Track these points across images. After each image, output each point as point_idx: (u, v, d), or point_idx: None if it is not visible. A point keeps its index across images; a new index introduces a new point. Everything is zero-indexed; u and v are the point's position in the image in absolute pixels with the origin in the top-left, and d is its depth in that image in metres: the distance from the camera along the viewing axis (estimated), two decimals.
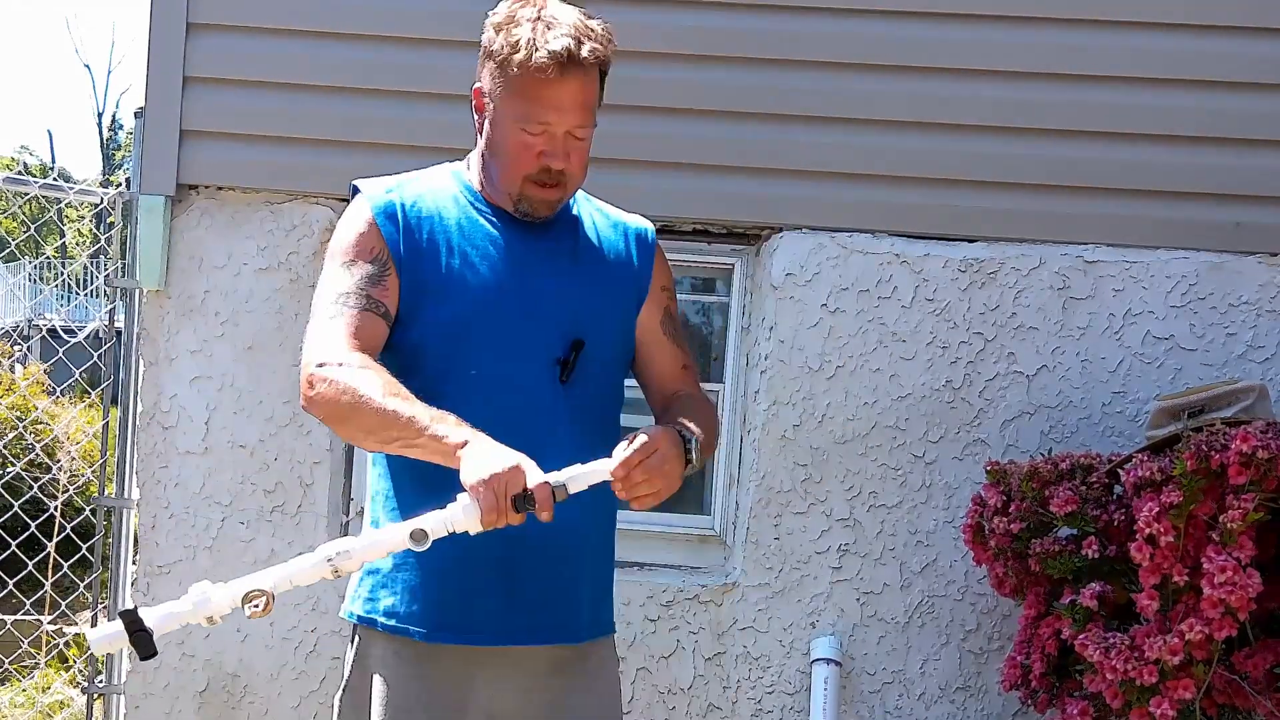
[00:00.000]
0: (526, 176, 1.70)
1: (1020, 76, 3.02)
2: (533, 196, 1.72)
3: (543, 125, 1.67)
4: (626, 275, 1.82)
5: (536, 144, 1.68)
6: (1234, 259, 3.01)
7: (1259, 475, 2.24)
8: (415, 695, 1.70)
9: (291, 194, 3.12)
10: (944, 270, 3.04)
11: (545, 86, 1.65)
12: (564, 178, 1.71)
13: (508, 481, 1.48)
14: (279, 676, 3.11)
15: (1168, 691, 2.29)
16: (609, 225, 1.85)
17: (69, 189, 3.40)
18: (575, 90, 1.66)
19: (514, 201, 1.73)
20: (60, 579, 3.75)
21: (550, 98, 1.65)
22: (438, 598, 1.70)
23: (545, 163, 1.68)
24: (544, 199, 1.72)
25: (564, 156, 1.69)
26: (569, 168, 1.70)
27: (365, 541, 1.56)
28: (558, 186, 1.72)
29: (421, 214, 1.74)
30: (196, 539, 3.12)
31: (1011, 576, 2.71)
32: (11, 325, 9.00)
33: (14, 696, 4.06)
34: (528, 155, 1.69)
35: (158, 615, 1.52)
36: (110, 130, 31.44)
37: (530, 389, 1.69)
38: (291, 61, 3.09)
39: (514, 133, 1.68)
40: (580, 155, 1.72)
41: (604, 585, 1.83)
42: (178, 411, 3.12)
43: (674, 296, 1.88)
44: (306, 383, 1.63)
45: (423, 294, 1.70)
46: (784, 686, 3.06)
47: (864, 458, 3.04)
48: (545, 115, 1.66)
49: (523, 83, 1.66)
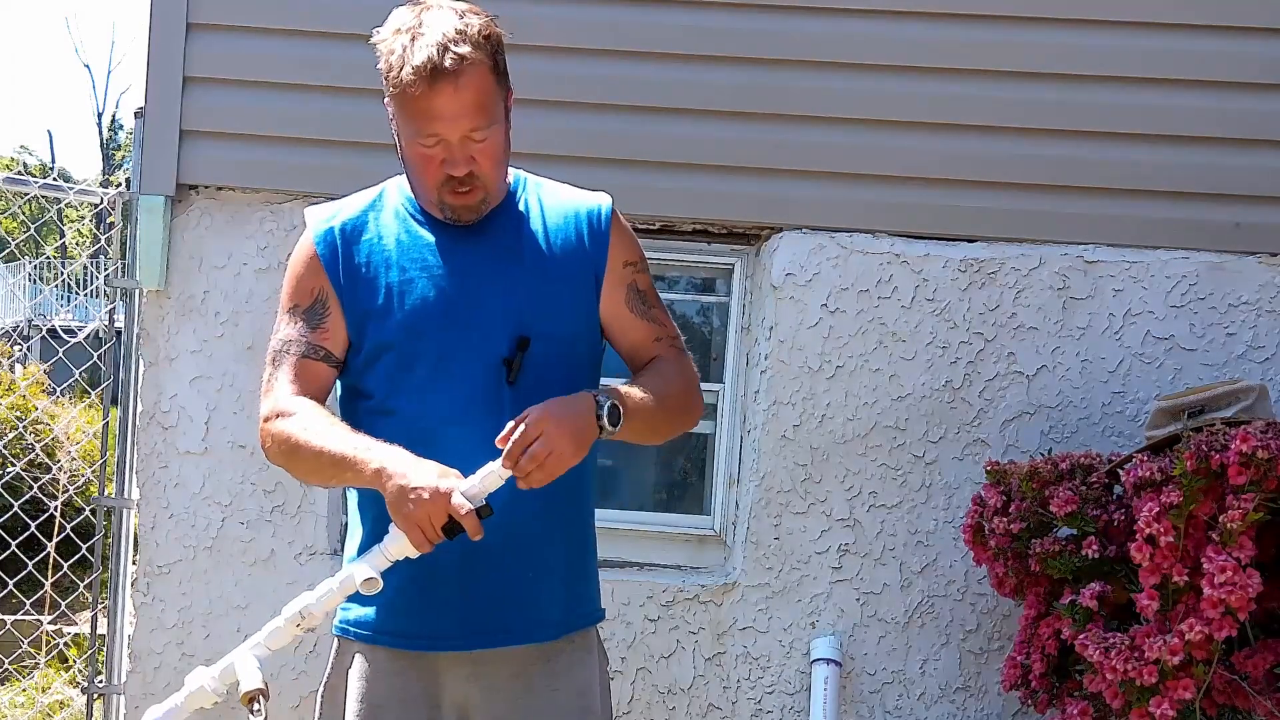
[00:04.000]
0: (438, 186, 1.68)
1: (1020, 76, 3.02)
2: (452, 204, 1.70)
3: (433, 137, 1.64)
4: (577, 261, 1.76)
5: (435, 154, 1.66)
6: (1234, 259, 3.01)
7: (1259, 475, 2.24)
8: (387, 692, 1.73)
9: (291, 194, 3.12)
10: (944, 270, 3.04)
11: (421, 101, 1.62)
12: (475, 180, 1.67)
13: (430, 514, 1.53)
14: (279, 676, 3.10)
15: (1168, 692, 2.29)
16: (558, 212, 1.79)
17: (69, 189, 3.40)
18: (452, 98, 1.62)
19: (439, 210, 1.72)
20: (60, 579, 3.75)
21: (430, 110, 1.62)
22: (400, 607, 1.72)
23: (447, 171, 1.66)
24: (464, 204, 1.69)
25: (465, 162, 1.65)
26: (476, 170, 1.67)
27: (322, 593, 1.63)
28: (473, 190, 1.68)
29: (361, 236, 1.76)
30: (196, 539, 3.12)
31: (1011, 576, 2.71)
32: (11, 325, 9.00)
33: (14, 696, 4.06)
34: (431, 167, 1.67)
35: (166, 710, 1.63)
36: (110, 130, 31.43)
37: (476, 394, 1.67)
38: (291, 61, 3.09)
39: (413, 147, 1.67)
40: (487, 155, 1.67)
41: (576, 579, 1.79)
42: (178, 411, 3.12)
43: (642, 270, 1.81)
44: (261, 438, 1.74)
45: (366, 317, 1.73)
46: (784, 686, 3.06)
47: (864, 458, 3.04)
48: (431, 127, 1.63)
49: (402, 100, 1.64)
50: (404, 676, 1.72)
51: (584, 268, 1.75)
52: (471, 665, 1.72)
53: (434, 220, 1.75)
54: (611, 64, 3.06)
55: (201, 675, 1.63)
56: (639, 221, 2.86)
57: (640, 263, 1.81)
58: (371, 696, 1.73)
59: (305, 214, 1.83)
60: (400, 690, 1.72)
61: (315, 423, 1.67)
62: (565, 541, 1.76)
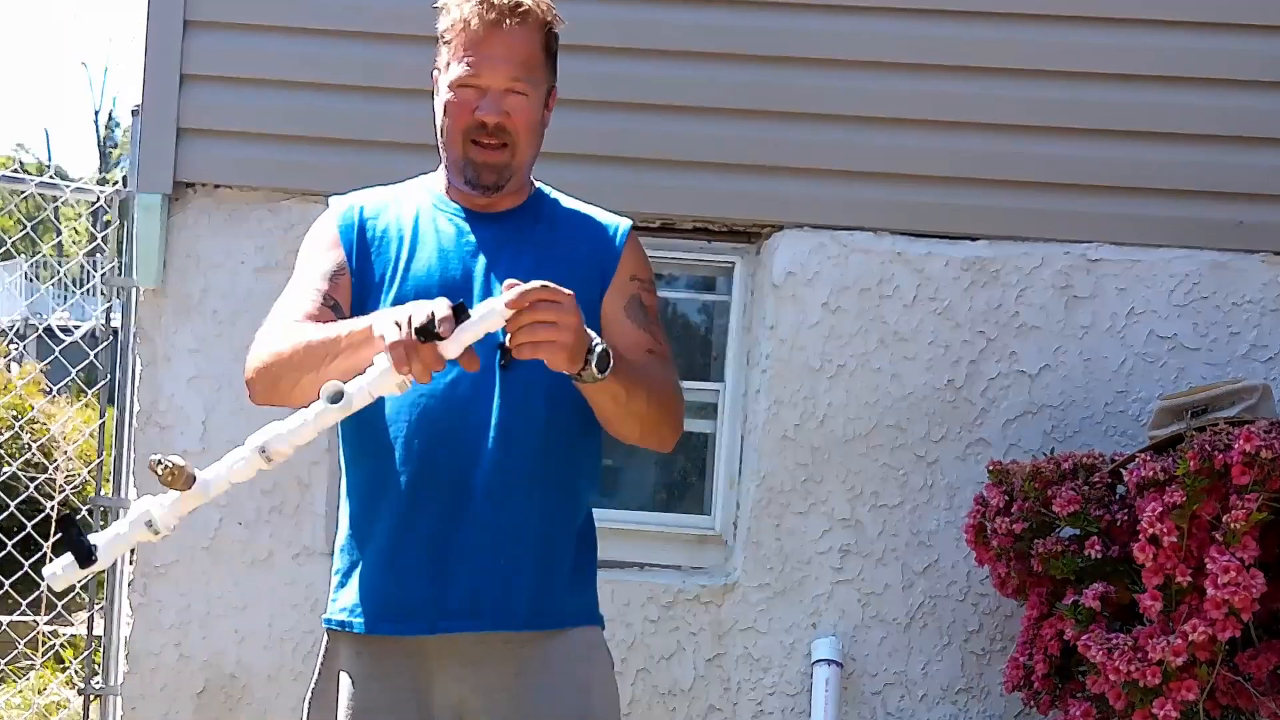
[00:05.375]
0: (465, 135, 1.69)
1: (1022, 74, 3.01)
2: (475, 159, 1.70)
3: (474, 79, 1.67)
4: (585, 263, 1.75)
5: (470, 99, 1.68)
6: (1237, 258, 3.00)
7: (1262, 475, 2.23)
8: (377, 694, 1.69)
9: (289, 192, 3.10)
10: (946, 269, 3.03)
11: (474, 39, 1.66)
12: (505, 135, 1.68)
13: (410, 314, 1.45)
14: (277, 677, 3.09)
15: (1171, 693, 2.28)
16: (575, 221, 1.81)
17: (65, 187, 3.39)
18: (505, 39, 1.66)
19: (461, 170, 1.72)
20: None
21: (478, 50, 1.66)
22: (374, 586, 1.70)
23: (479, 117, 1.67)
24: (487, 161, 1.70)
25: (499, 111, 1.67)
26: (509, 124, 1.68)
27: (291, 422, 1.52)
28: (502, 148, 1.69)
29: (379, 218, 1.77)
30: (194, 539, 3.10)
31: (1014, 577, 2.70)
32: (8, 324, 8.98)
33: (10, 697, 4.05)
34: (463, 113, 1.68)
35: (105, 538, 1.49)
36: (107, 128, 31.38)
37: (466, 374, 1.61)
38: (289, 59, 3.08)
39: (451, 94, 1.69)
40: (522, 115, 1.69)
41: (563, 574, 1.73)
42: (175, 411, 3.10)
43: (648, 289, 1.80)
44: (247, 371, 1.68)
45: (368, 291, 1.73)
46: (785, 688, 3.04)
47: (865, 458, 3.03)
48: (476, 68, 1.66)
49: (456, 42, 1.68)
50: (394, 679, 1.69)
51: (591, 270, 1.75)
52: (462, 664, 1.68)
53: (459, 210, 1.76)
54: (612, 61, 3.04)
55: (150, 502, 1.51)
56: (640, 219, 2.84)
57: (648, 282, 1.81)
58: (361, 700, 1.70)
59: (330, 200, 1.84)
60: (391, 693, 1.69)
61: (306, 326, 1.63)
62: (550, 532, 1.72)
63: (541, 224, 1.77)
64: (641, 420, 1.66)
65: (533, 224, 1.77)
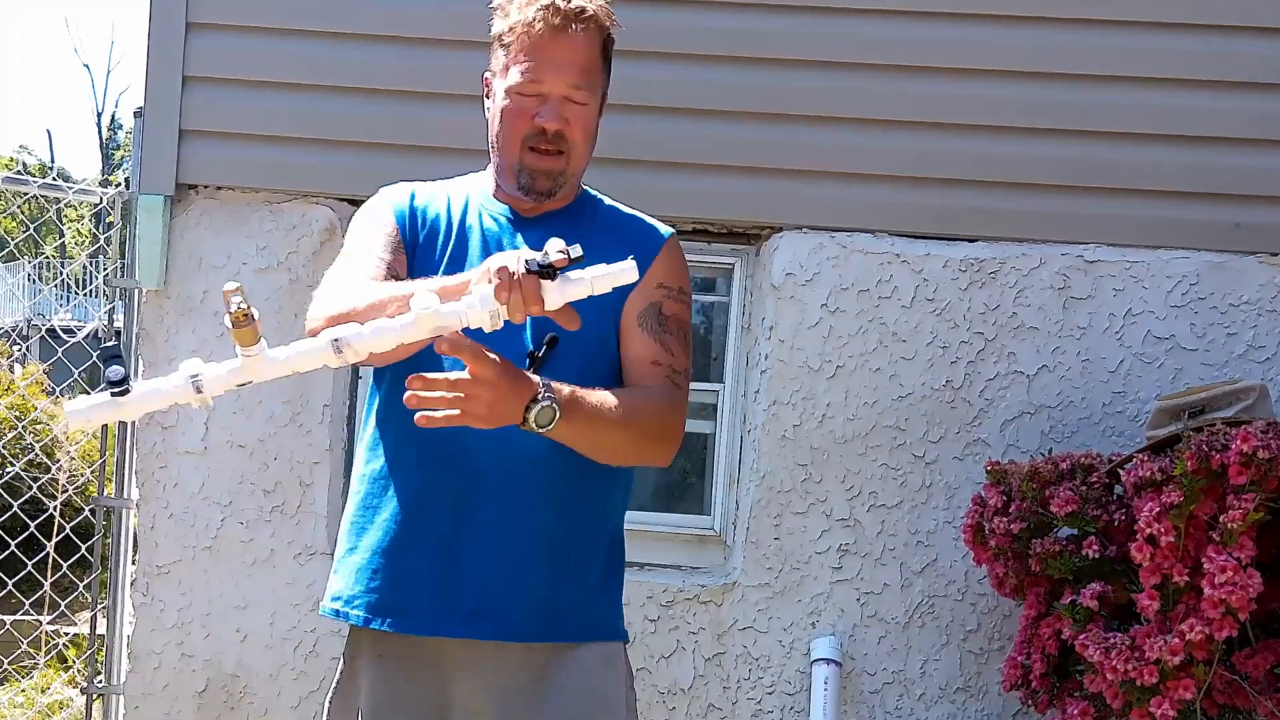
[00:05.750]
0: (524, 141, 1.67)
1: (1021, 76, 3.02)
2: (531, 166, 1.68)
3: (536, 85, 1.65)
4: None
5: (530, 106, 1.66)
6: (1234, 259, 3.01)
7: (1259, 475, 2.24)
8: (395, 695, 1.68)
9: (291, 194, 3.11)
10: (944, 270, 3.03)
11: (538, 40, 1.64)
12: (563, 143, 1.67)
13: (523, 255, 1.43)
14: (278, 677, 3.11)
15: (1168, 692, 2.29)
16: (618, 226, 1.79)
17: (68, 189, 3.40)
18: (567, 45, 1.64)
19: (515, 175, 1.70)
20: (59, 579, 3.75)
21: (541, 55, 1.64)
22: (379, 579, 1.67)
23: (539, 124, 1.65)
24: (542, 168, 1.68)
25: (559, 118, 1.65)
26: (567, 131, 1.66)
27: (373, 326, 1.43)
28: (558, 155, 1.68)
29: (428, 210, 1.75)
30: (196, 539, 3.11)
31: (1012, 577, 2.71)
32: (11, 325, 9.00)
33: (13, 696, 4.06)
34: (522, 119, 1.66)
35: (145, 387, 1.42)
36: (109, 130, 31.42)
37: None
38: (291, 61, 3.09)
39: (510, 99, 1.67)
40: (580, 123, 1.68)
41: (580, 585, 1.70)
42: (177, 411, 3.11)
43: (676, 298, 1.75)
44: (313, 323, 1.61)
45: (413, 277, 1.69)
46: (784, 687, 3.05)
47: (864, 458, 3.04)
48: (538, 74, 1.64)
49: (517, 45, 1.65)
50: (414, 682, 1.67)
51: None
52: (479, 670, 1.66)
53: (505, 211, 1.74)
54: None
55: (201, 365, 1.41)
56: None
57: (677, 291, 1.75)
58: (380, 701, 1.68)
59: (381, 188, 1.81)
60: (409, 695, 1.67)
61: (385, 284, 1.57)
62: (571, 541, 1.68)
63: (582, 227, 1.73)
64: (613, 450, 1.62)
65: (574, 227, 1.72)
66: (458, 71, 3.07)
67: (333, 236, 3.09)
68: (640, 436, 1.63)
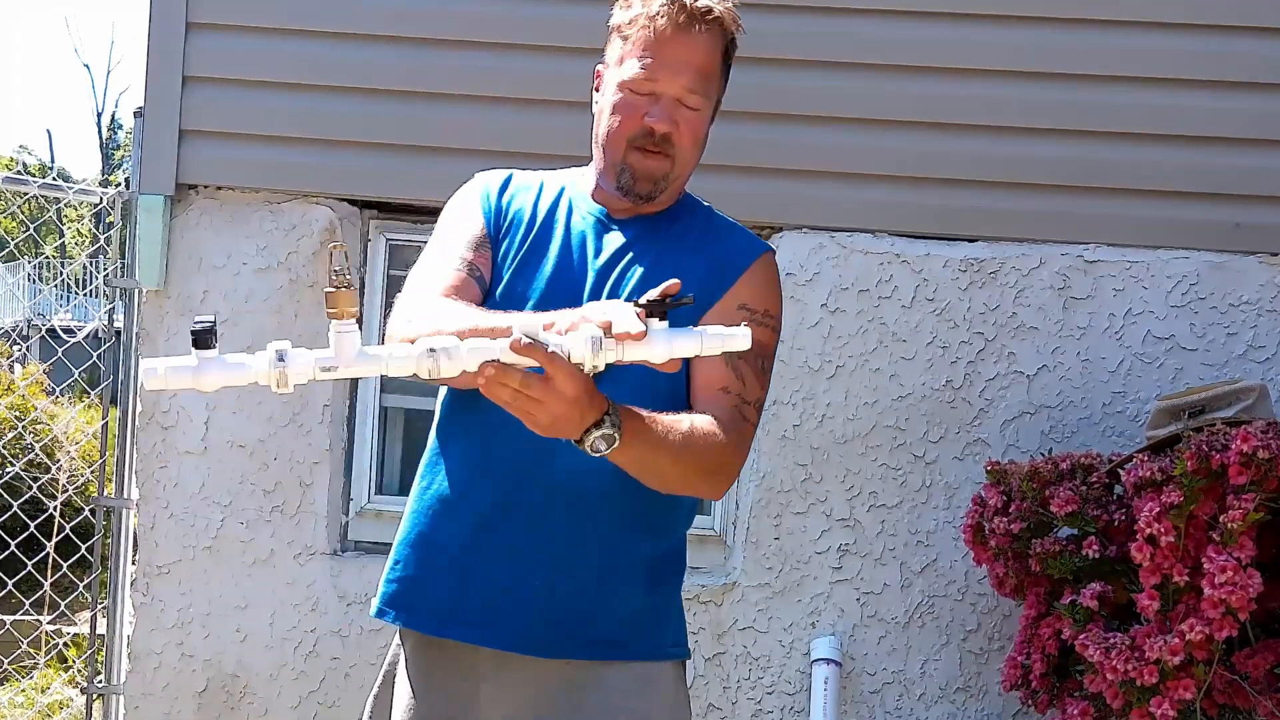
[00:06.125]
0: (630, 140, 1.60)
1: (1021, 76, 3.02)
2: (635, 166, 1.61)
3: (650, 83, 1.58)
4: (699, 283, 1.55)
5: (641, 104, 1.59)
6: (1234, 259, 3.01)
7: (1259, 475, 2.24)
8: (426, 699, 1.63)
9: (291, 194, 3.11)
10: (944, 270, 3.03)
11: (658, 40, 1.57)
12: (669, 147, 1.60)
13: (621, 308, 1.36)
14: (278, 677, 3.10)
15: (1168, 692, 2.29)
16: (709, 235, 1.69)
17: (68, 189, 3.40)
18: (688, 44, 1.57)
19: (616, 174, 1.63)
20: (59, 579, 3.74)
21: (661, 52, 1.57)
22: (398, 572, 1.64)
23: (649, 124, 1.58)
24: (646, 169, 1.61)
25: (669, 121, 1.58)
26: (675, 136, 1.59)
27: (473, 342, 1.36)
28: (664, 157, 1.61)
29: (515, 200, 1.70)
30: (196, 539, 3.11)
31: (1012, 576, 2.71)
32: (11, 325, 9.00)
33: (13, 696, 4.06)
34: (632, 117, 1.59)
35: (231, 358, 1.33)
36: (109, 130, 31.44)
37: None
38: (291, 61, 3.09)
39: (621, 94, 1.60)
40: (690, 128, 1.60)
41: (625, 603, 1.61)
42: (177, 411, 3.12)
43: (758, 322, 1.60)
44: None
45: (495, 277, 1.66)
46: (784, 687, 3.05)
47: (864, 458, 3.04)
48: (655, 72, 1.57)
49: (636, 39, 1.59)
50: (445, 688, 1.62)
51: (700, 288, 1.54)
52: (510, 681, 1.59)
53: (596, 210, 1.68)
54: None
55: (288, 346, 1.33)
56: None
57: (761, 315, 1.64)
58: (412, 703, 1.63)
59: (476, 173, 1.77)
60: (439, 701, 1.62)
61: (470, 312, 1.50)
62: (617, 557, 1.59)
63: (672, 232, 1.67)
64: (662, 479, 1.52)
65: (663, 232, 1.67)
66: (458, 71, 3.09)
67: (333, 236, 3.09)
68: (693, 470, 1.53)
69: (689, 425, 1.52)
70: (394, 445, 3.30)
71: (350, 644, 3.07)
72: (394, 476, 3.29)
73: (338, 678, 3.08)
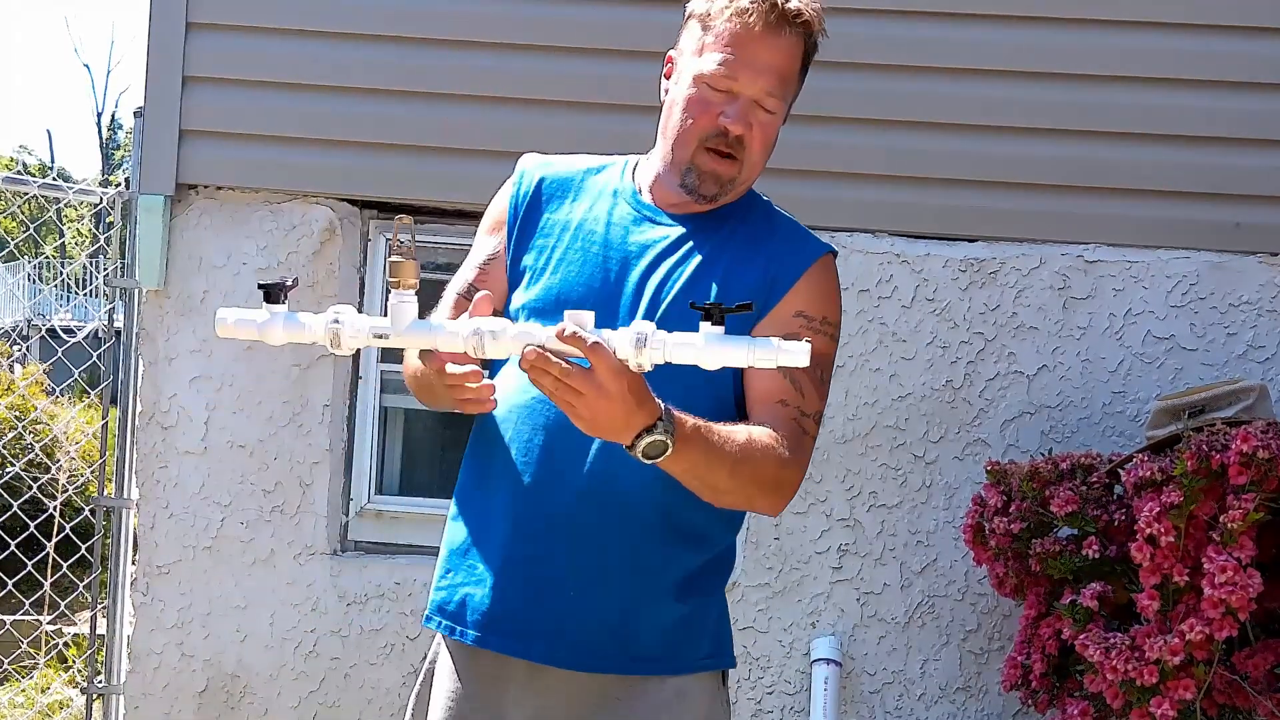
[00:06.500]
0: (701, 139, 1.54)
1: (1021, 76, 3.02)
2: (702, 167, 1.55)
3: (729, 81, 1.52)
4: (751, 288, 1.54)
5: (717, 102, 1.52)
6: (1234, 259, 3.00)
7: (1259, 475, 2.24)
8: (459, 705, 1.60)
9: (291, 194, 3.11)
10: (944, 270, 3.03)
11: (742, 33, 1.50)
12: (740, 150, 1.54)
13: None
14: (278, 677, 3.10)
15: (1168, 692, 2.29)
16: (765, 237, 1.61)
17: (68, 189, 3.40)
18: (772, 45, 1.51)
19: (681, 173, 1.57)
20: (59, 579, 3.74)
21: (745, 51, 1.51)
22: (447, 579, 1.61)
23: (723, 124, 1.52)
24: (714, 171, 1.55)
25: (744, 123, 1.52)
26: (748, 139, 1.53)
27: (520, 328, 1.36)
28: (733, 160, 1.55)
29: (558, 193, 1.66)
30: (196, 539, 3.11)
31: (1012, 576, 2.71)
32: (11, 325, 9.00)
33: (13, 696, 4.06)
34: (706, 115, 1.53)
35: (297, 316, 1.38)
36: (109, 130, 31.45)
37: None
38: (291, 61, 3.09)
39: (697, 88, 1.53)
40: (763, 132, 1.54)
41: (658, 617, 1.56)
42: (177, 411, 3.12)
43: (817, 330, 1.55)
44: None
45: (520, 275, 1.63)
46: (784, 687, 3.05)
47: (864, 458, 3.04)
48: (736, 70, 1.51)
49: (720, 33, 1.52)
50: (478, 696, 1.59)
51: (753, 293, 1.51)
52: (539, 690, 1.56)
53: (637, 204, 1.62)
54: (611, 63, 3.05)
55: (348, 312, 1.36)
56: None
57: (819, 322, 1.57)
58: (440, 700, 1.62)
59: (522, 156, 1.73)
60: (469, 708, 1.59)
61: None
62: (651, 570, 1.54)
63: (723, 232, 1.59)
64: (716, 493, 1.46)
65: (716, 230, 1.59)
66: (458, 71, 3.09)
67: (333, 236, 3.10)
68: (752, 484, 1.47)
69: (747, 436, 1.46)
70: (394, 445, 3.30)
71: (350, 644, 3.07)
72: (394, 476, 3.29)
73: (338, 678, 3.08)
